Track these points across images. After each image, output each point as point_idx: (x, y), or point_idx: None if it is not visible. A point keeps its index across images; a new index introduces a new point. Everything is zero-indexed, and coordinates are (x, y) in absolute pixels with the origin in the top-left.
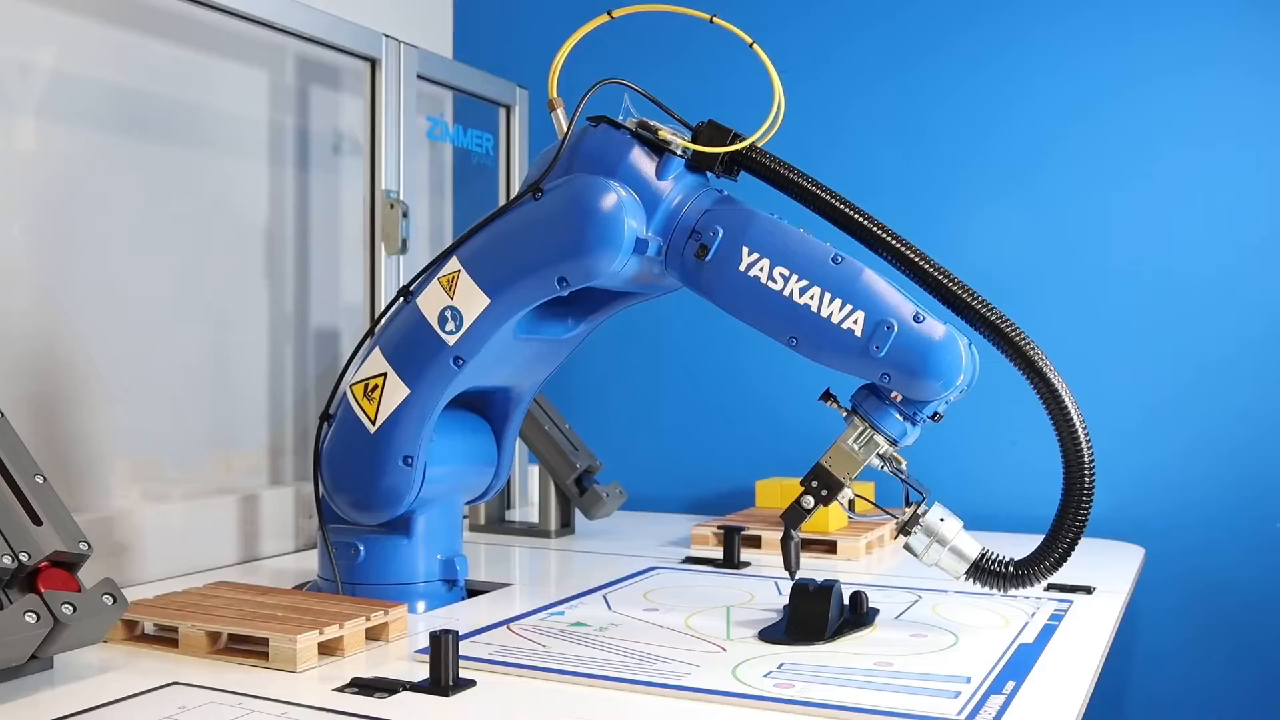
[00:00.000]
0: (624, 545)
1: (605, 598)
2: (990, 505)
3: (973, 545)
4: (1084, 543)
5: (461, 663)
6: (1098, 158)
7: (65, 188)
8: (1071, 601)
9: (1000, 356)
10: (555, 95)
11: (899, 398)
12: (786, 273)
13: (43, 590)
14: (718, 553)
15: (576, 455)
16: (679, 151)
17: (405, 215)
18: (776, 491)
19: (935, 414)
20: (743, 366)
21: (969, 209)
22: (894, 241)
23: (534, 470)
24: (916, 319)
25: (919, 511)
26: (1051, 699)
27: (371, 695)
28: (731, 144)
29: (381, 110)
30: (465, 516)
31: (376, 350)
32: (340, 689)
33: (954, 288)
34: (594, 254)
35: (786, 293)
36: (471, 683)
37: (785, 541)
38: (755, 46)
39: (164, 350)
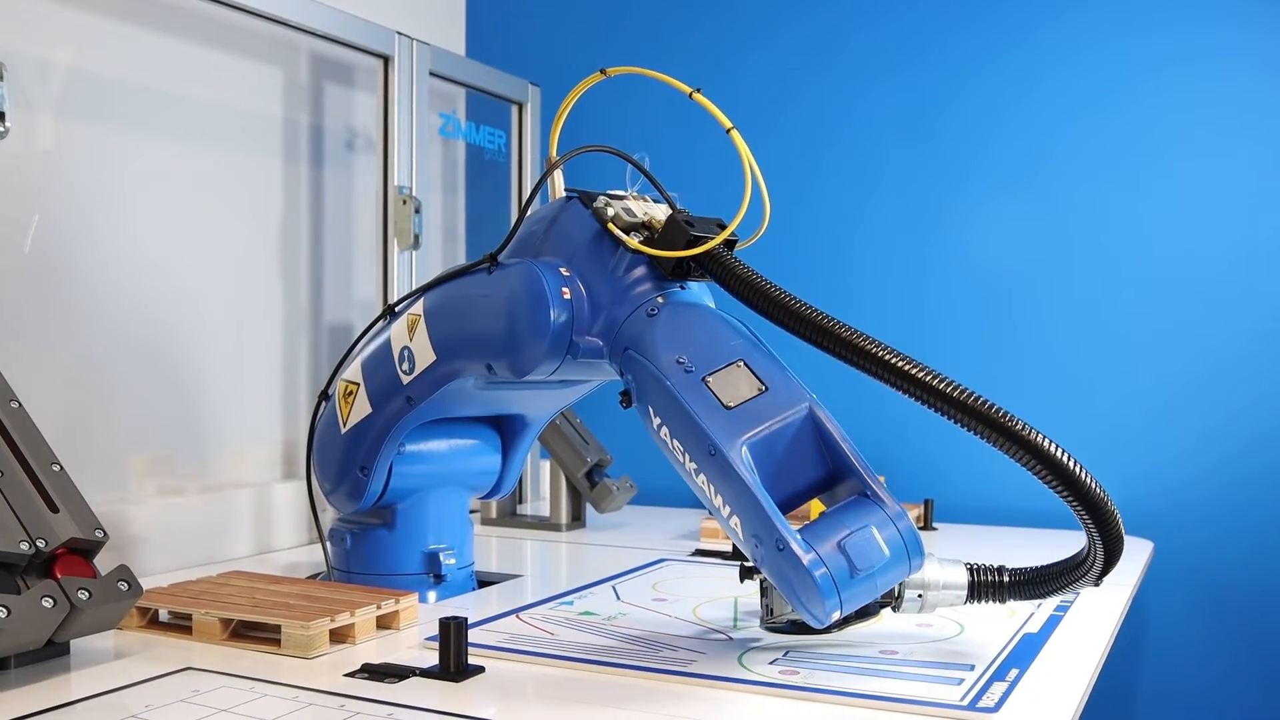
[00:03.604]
0: (634, 538)
1: (614, 588)
2: (996, 499)
3: (958, 572)
4: None
5: (471, 650)
6: (1104, 155)
7: (81, 183)
8: (1078, 593)
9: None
10: (555, 155)
11: None
12: (681, 448)
13: (59, 576)
14: (727, 546)
15: (587, 449)
16: (630, 248)
17: (418, 211)
18: None
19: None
20: None
21: (975, 207)
22: (885, 354)
23: (545, 464)
24: (779, 547)
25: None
26: (1054, 688)
27: (382, 681)
28: (687, 248)
29: (395, 107)
30: (475, 511)
31: (358, 360)
32: (351, 674)
33: (965, 398)
34: (516, 354)
35: (688, 469)
36: (480, 669)
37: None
38: (734, 133)
39: (179, 344)
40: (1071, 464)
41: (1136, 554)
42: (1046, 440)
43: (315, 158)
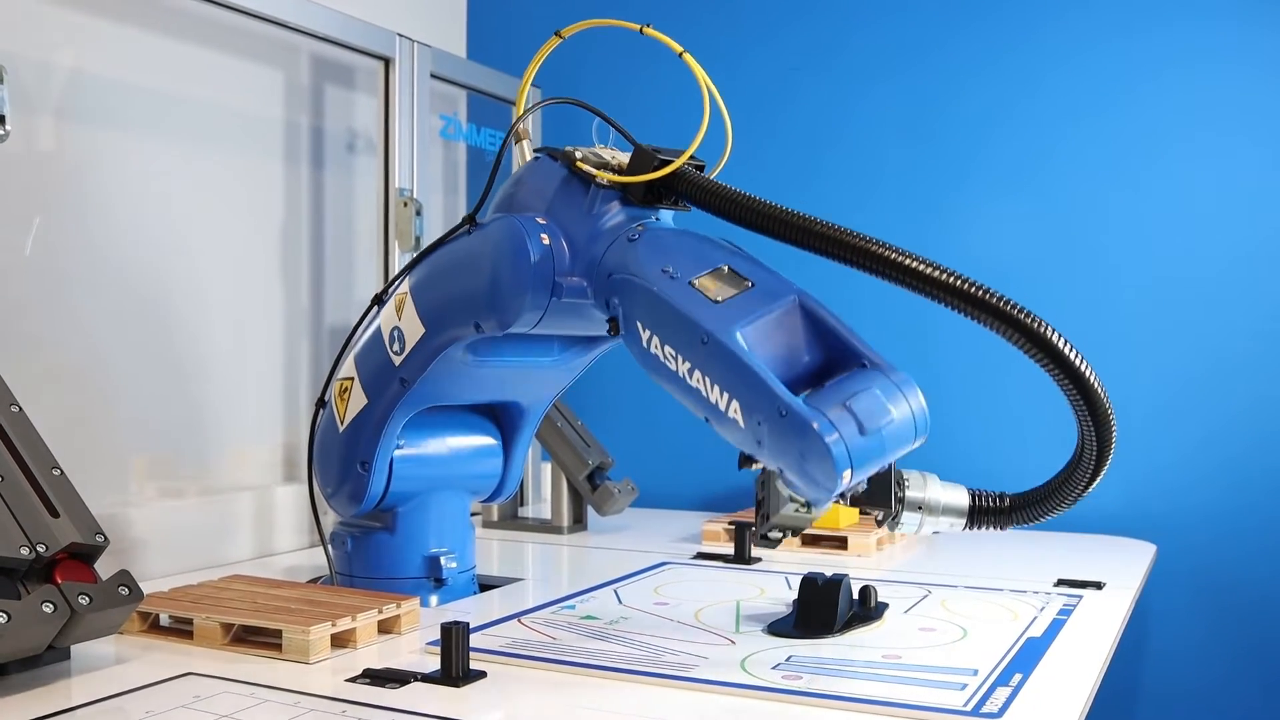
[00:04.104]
0: (636, 541)
1: (616, 592)
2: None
3: (960, 494)
4: (1095, 539)
5: (472, 654)
6: (1104, 155)
7: (81, 185)
8: (1081, 597)
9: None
10: (522, 126)
11: None
12: (673, 352)
13: (60, 581)
14: (729, 549)
15: (589, 452)
16: (603, 183)
17: (419, 213)
18: None
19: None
20: None
21: (975, 207)
22: (862, 242)
23: (547, 467)
24: (781, 413)
25: (900, 500)
26: (1058, 692)
27: (383, 686)
28: (655, 170)
29: (395, 109)
30: (477, 514)
31: (351, 356)
32: (352, 679)
33: (951, 279)
34: (501, 305)
35: (681, 374)
36: (482, 674)
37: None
38: (686, 56)
39: (180, 346)
40: (1054, 335)
41: (1139, 557)
42: (1019, 308)
43: (316, 159)
